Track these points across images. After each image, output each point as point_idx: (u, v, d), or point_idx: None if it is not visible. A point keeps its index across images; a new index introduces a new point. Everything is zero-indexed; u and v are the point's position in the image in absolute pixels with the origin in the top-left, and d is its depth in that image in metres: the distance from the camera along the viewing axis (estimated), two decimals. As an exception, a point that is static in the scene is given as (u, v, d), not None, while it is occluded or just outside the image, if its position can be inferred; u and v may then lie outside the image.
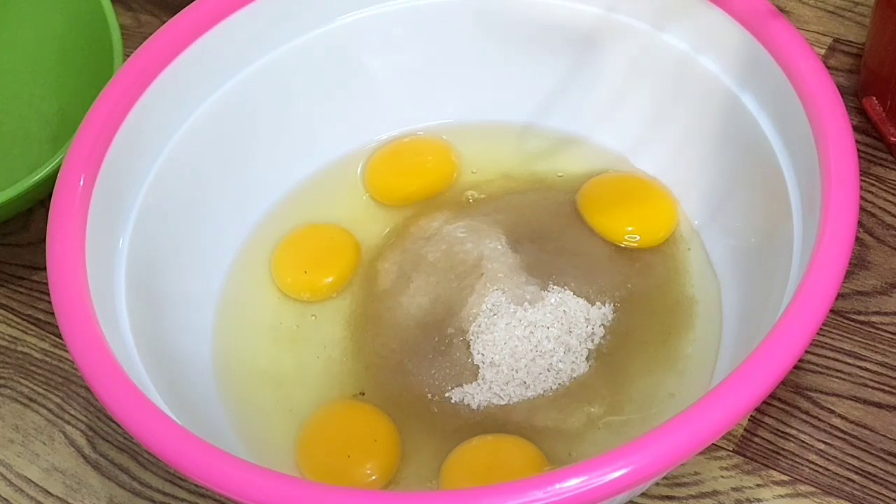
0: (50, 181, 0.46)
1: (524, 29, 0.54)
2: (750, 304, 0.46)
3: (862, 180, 0.54)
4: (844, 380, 0.48)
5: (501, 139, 0.57)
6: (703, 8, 0.48)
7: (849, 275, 0.51)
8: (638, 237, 0.51)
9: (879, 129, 0.55)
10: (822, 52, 0.60)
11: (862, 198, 0.53)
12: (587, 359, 0.47)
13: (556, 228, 0.52)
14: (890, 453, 0.46)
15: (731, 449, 0.47)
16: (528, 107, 0.56)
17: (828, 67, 0.44)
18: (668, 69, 0.51)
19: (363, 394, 0.48)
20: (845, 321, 0.50)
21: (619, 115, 0.54)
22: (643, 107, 0.53)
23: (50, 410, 0.52)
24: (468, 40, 0.55)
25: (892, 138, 0.55)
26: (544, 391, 0.47)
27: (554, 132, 0.55)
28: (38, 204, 0.58)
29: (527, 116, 0.56)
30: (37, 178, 0.52)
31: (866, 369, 0.48)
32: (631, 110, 0.54)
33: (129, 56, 0.49)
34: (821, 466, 0.46)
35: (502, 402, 0.46)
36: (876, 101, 0.56)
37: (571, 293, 0.49)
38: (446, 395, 0.47)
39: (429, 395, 0.47)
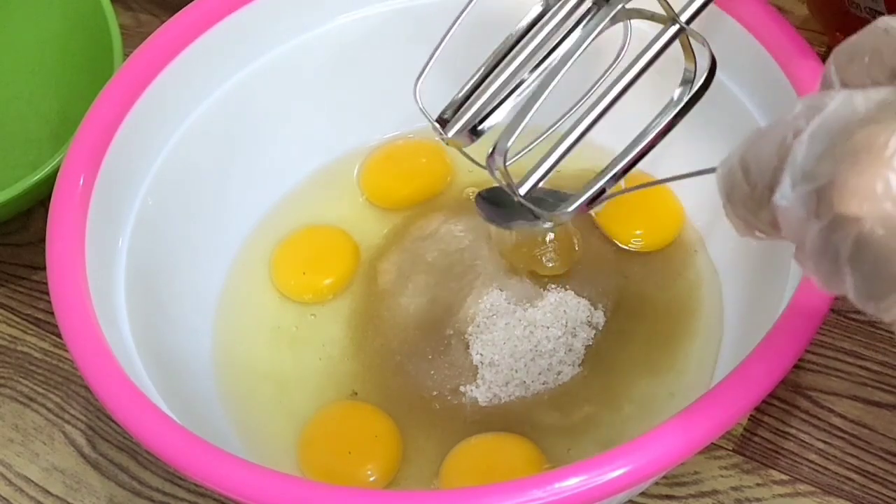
0: (50, 181, 0.46)
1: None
2: (751, 304, 0.46)
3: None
4: (844, 379, 0.48)
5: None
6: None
7: (848, 274, 0.51)
8: (644, 241, 0.51)
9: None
10: (822, 51, 0.60)
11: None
12: (587, 358, 0.47)
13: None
14: (890, 452, 0.46)
15: (730, 448, 0.47)
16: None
17: (827, 67, 0.44)
18: (669, 70, 0.51)
19: (356, 393, 0.48)
20: (845, 320, 0.50)
21: (620, 116, 0.54)
22: (646, 108, 0.53)
23: (50, 410, 0.52)
24: (466, 41, 0.55)
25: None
26: (544, 391, 0.47)
27: (554, 132, 0.55)
28: (38, 204, 0.58)
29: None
30: (37, 178, 0.52)
31: (866, 368, 0.48)
32: (633, 111, 0.53)
33: (128, 56, 0.49)
34: (820, 466, 0.46)
35: (502, 402, 0.46)
36: None
37: (572, 293, 0.49)
38: (446, 394, 0.47)
39: (428, 395, 0.47)
